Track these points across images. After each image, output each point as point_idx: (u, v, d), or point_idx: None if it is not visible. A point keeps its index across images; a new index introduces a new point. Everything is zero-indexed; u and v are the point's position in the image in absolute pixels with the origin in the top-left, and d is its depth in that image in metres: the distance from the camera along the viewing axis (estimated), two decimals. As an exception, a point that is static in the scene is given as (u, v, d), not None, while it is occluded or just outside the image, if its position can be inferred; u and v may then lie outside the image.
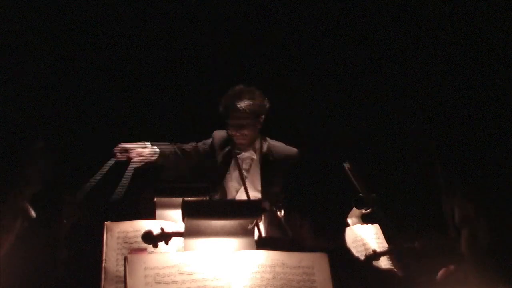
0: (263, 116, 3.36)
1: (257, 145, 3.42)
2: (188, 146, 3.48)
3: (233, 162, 3.42)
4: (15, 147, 1.36)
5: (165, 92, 4.09)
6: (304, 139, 4.14)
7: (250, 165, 3.42)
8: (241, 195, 3.35)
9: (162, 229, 1.84)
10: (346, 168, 2.80)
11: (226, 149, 3.45)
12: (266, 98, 3.39)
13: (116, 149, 3.09)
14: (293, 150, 3.45)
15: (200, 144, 3.51)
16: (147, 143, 3.24)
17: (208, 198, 2.34)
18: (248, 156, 3.43)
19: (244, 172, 3.40)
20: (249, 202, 2.81)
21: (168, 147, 3.36)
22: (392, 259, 2.43)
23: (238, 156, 3.41)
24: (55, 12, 4.14)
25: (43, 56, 4.03)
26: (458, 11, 4.39)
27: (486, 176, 1.83)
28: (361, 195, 2.51)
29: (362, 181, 2.96)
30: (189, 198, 1.89)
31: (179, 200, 1.86)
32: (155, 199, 2.40)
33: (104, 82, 4.18)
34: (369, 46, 4.53)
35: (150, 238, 1.80)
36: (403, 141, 4.52)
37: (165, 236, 1.81)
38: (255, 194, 3.36)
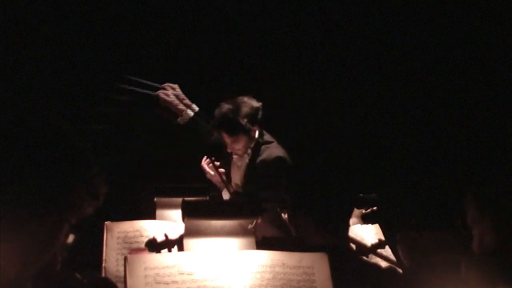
0: (251, 128, 3.42)
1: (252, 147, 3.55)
2: None
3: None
4: (73, 170, 1.28)
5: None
6: (304, 138, 4.13)
7: (243, 161, 3.57)
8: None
9: (166, 235, 1.84)
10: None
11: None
12: (247, 114, 3.40)
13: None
14: (271, 155, 3.44)
15: None
16: (195, 107, 3.62)
17: (208, 198, 2.34)
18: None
19: (237, 162, 3.58)
20: (249, 202, 2.80)
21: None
22: (395, 252, 2.43)
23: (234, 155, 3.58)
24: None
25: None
26: (458, 11, 4.39)
27: (490, 179, 1.84)
28: (361, 195, 2.51)
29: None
30: (189, 198, 1.89)
31: (179, 200, 1.86)
32: (155, 199, 2.40)
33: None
34: (369, 46, 4.53)
35: (154, 246, 1.80)
36: (403, 140, 4.52)
37: (169, 243, 1.80)
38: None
